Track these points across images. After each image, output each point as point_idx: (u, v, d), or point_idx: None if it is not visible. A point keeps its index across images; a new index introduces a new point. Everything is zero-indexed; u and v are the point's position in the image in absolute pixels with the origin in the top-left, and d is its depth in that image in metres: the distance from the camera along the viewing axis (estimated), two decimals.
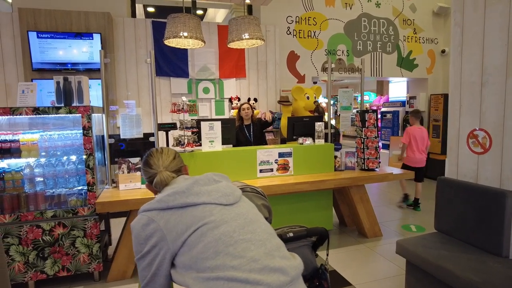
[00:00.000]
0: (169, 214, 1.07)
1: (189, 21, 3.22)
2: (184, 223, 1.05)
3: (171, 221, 1.06)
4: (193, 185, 1.13)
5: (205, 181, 1.17)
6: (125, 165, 2.98)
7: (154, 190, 1.28)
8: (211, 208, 1.09)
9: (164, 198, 1.10)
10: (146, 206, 1.13)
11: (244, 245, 1.02)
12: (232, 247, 1.01)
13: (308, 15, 5.75)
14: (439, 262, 2.10)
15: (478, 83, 2.27)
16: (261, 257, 1.01)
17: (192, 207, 1.08)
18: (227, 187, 1.18)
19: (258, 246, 1.04)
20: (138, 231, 1.09)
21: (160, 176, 1.23)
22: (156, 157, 1.28)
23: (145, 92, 4.88)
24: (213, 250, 1.00)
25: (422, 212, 4.58)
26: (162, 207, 1.09)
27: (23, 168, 2.69)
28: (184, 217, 1.06)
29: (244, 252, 1.01)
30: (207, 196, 1.11)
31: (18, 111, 2.56)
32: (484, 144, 2.26)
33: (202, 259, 1.00)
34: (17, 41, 4.31)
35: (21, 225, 2.61)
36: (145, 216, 1.09)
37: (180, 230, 1.04)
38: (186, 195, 1.10)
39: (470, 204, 2.31)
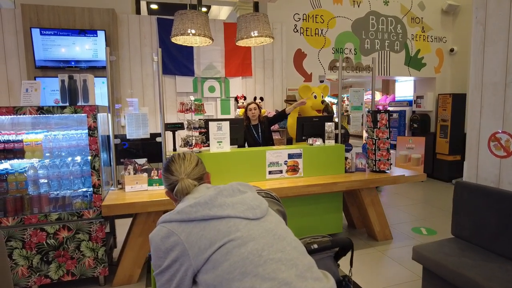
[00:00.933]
0: (190, 227, 0.99)
1: (197, 18, 3.12)
2: (208, 238, 0.97)
3: (193, 235, 0.98)
4: (216, 196, 1.05)
5: (229, 192, 1.08)
6: (131, 166, 2.90)
7: (174, 199, 1.21)
8: (236, 222, 1.00)
9: (186, 209, 1.02)
10: (165, 217, 1.05)
11: (274, 266, 0.93)
12: (261, 268, 0.92)
13: (316, 12, 5.64)
14: (460, 270, 2.01)
15: (501, 83, 2.18)
16: (293, 280, 0.92)
17: (216, 220, 1.00)
18: (254, 199, 1.09)
19: (289, 267, 0.95)
20: (157, 244, 1.01)
21: (182, 184, 1.16)
22: (178, 163, 1.21)
23: (149, 90, 4.79)
24: (240, 271, 0.91)
25: (431, 214, 4.49)
26: (183, 219, 1.01)
27: (27, 169, 2.61)
28: (208, 231, 0.98)
29: (275, 274, 0.92)
30: (231, 209, 1.02)
31: (22, 111, 2.47)
32: (508, 147, 2.16)
33: (228, 280, 0.91)
34: (19, 38, 4.23)
35: (24, 228, 2.52)
36: (164, 228, 1.02)
37: (204, 245, 0.96)
38: (209, 206, 1.01)
39: (491, 209, 2.22)
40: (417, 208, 4.79)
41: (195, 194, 1.12)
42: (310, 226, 3.45)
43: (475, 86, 2.37)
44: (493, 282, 1.85)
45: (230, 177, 3.11)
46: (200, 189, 1.16)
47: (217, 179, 3.07)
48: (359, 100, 3.74)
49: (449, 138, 6.24)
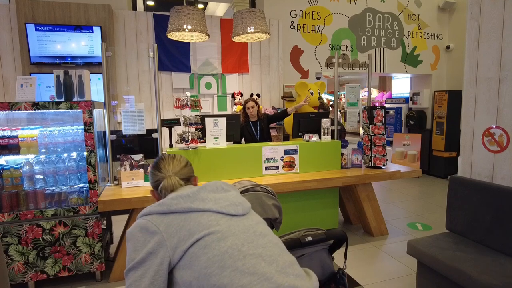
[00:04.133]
0: (170, 218, 0.97)
1: (193, 14, 3.11)
2: (187, 229, 0.95)
3: (173, 226, 0.96)
4: (199, 190, 1.04)
5: (212, 188, 1.08)
6: (128, 162, 2.89)
7: (158, 197, 1.20)
8: (218, 217, 0.99)
9: (167, 201, 1.00)
10: (145, 210, 1.03)
11: (254, 261, 0.91)
12: (240, 262, 0.90)
13: (312, 9, 5.64)
14: (454, 263, 2.04)
15: (495, 79, 2.19)
16: (274, 275, 0.90)
17: (197, 213, 0.98)
18: (236, 197, 1.09)
19: (269, 262, 0.93)
20: (134, 236, 0.98)
21: (168, 181, 1.15)
22: (168, 161, 1.21)
23: (146, 87, 4.78)
24: (219, 265, 0.89)
25: (427, 209, 4.52)
26: (164, 210, 0.99)
27: (22, 165, 2.60)
28: (188, 222, 0.96)
29: (255, 269, 0.90)
30: (213, 203, 1.01)
31: (17, 106, 2.46)
32: (501, 142, 2.18)
33: (206, 275, 0.88)
34: (14, 34, 4.20)
35: (20, 224, 2.52)
36: (143, 219, 1.00)
37: (183, 236, 0.94)
38: (191, 199, 1.00)
39: (485, 204, 2.25)
40: (413, 204, 4.83)
41: (178, 192, 1.07)
42: (306, 222, 3.47)
43: (469, 82, 2.38)
44: (487, 275, 1.87)
45: (227, 173, 3.12)
46: (184, 189, 1.13)
47: (213, 174, 3.08)
48: (355, 96, 3.75)
49: (445, 135, 6.28)
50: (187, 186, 1.16)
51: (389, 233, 3.66)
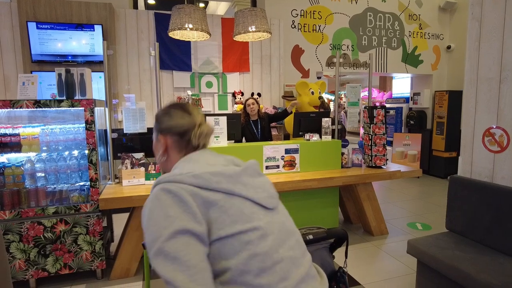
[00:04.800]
0: (207, 194, 0.83)
1: (194, 13, 3.12)
2: (229, 215, 0.82)
3: (211, 204, 0.83)
4: (242, 172, 0.91)
5: (252, 172, 0.94)
6: (129, 160, 2.90)
7: (177, 148, 0.99)
8: (258, 210, 0.89)
9: (205, 175, 0.84)
10: (174, 177, 0.84)
11: (289, 265, 0.87)
12: (278, 266, 0.84)
13: (313, 8, 5.64)
14: (454, 263, 2.04)
15: (496, 79, 2.20)
16: (299, 282, 0.88)
17: (238, 199, 0.86)
18: (271, 186, 0.99)
19: (297, 266, 0.89)
20: (163, 202, 0.79)
21: (206, 127, 1.00)
22: (195, 109, 1.04)
23: (147, 85, 4.78)
24: (259, 265, 0.81)
25: (427, 209, 4.53)
26: (201, 185, 0.82)
27: (24, 163, 2.61)
28: (229, 207, 0.83)
29: (288, 274, 0.86)
30: (254, 191, 0.90)
31: (19, 104, 2.47)
32: (502, 142, 2.19)
33: (243, 272, 0.80)
34: (16, 32, 4.20)
35: (22, 222, 2.53)
36: (174, 185, 0.82)
37: (221, 220, 0.81)
38: (233, 181, 0.87)
39: (485, 204, 2.25)
40: (413, 204, 4.84)
41: (217, 168, 0.90)
42: (306, 221, 3.48)
43: (470, 82, 2.39)
44: (486, 274, 1.88)
45: None
46: (207, 153, 0.98)
47: None
48: (355, 96, 3.75)
49: (445, 135, 6.29)
50: (221, 158, 0.99)
51: (389, 233, 3.67)
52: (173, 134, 0.99)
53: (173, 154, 1.01)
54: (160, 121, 1.02)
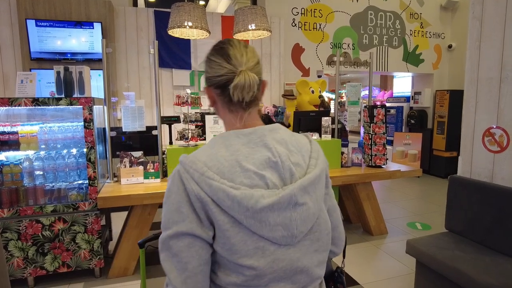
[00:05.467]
0: (216, 211, 0.77)
1: (193, 11, 3.10)
2: (230, 242, 0.79)
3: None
4: (267, 207, 0.74)
5: (285, 205, 0.77)
6: (127, 159, 2.89)
7: (215, 99, 0.85)
8: (264, 245, 0.83)
9: (220, 193, 0.73)
10: (194, 170, 0.74)
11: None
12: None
13: (314, 7, 5.61)
14: (453, 263, 2.04)
15: (496, 79, 2.18)
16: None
17: (247, 230, 0.79)
18: (304, 221, 0.86)
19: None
20: (179, 193, 0.75)
21: (245, 76, 0.78)
22: (239, 50, 0.82)
23: (146, 83, 4.77)
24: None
25: (427, 209, 4.52)
26: (213, 199, 0.74)
27: (22, 161, 2.60)
28: (234, 234, 0.79)
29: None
30: (268, 230, 0.83)
31: (17, 102, 2.46)
32: (501, 142, 2.18)
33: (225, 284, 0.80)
34: (15, 29, 4.18)
35: (20, 220, 2.52)
36: (191, 182, 0.74)
37: (222, 241, 0.79)
38: (247, 215, 0.77)
39: (484, 204, 2.24)
40: (413, 203, 4.83)
41: (243, 151, 0.77)
42: None
43: (470, 82, 2.37)
44: (485, 275, 1.87)
45: None
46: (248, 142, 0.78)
47: None
48: (356, 95, 3.74)
49: (446, 135, 6.27)
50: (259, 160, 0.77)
51: (389, 232, 3.66)
52: (215, 87, 0.83)
53: (221, 108, 0.87)
54: (205, 70, 0.88)
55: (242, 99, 0.80)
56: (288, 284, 0.78)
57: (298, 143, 0.83)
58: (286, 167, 0.77)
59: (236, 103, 0.82)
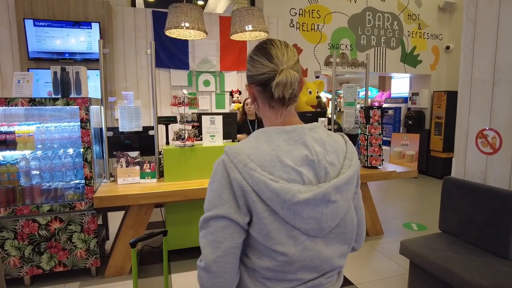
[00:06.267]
0: (256, 199, 0.83)
1: (191, 12, 3.11)
2: (266, 228, 0.87)
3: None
4: (302, 201, 0.80)
5: (318, 202, 0.83)
6: (124, 159, 2.91)
7: (263, 100, 0.89)
8: (296, 235, 0.91)
9: (261, 184, 0.78)
10: (238, 161, 0.79)
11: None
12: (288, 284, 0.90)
13: (312, 7, 5.63)
14: (445, 264, 2.05)
15: (489, 81, 2.20)
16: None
17: (281, 220, 0.85)
18: (333, 217, 0.93)
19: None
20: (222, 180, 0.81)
21: (286, 74, 0.83)
22: (281, 50, 0.87)
23: (144, 83, 4.78)
24: (272, 276, 0.87)
25: (423, 210, 4.54)
26: (254, 188, 0.79)
27: (19, 161, 2.62)
28: (270, 222, 0.85)
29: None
30: (301, 222, 0.89)
31: (14, 102, 2.47)
32: (494, 144, 2.20)
33: (257, 267, 0.86)
34: (13, 29, 4.19)
35: (16, 219, 2.54)
36: (234, 171, 0.79)
37: (259, 227, 0.85)
38: (284, 206, 0.82)
39: (477, 205, 2.26)
40: (409, 204, 4.85)
41: (284, 148, 0.82)
42: None
43: (464, 84, 2.39)
44: (477, 276, 1.89)
45: None
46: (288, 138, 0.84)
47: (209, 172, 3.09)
48: (352, 96, 3.75)
49: (443, 135, 6.29)
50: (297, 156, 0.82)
51: (384, 233, 3.68)
52: (256, 85, 0.89)
53: (261, 105, 0.92)
54: (247, 69, 0.93)
55: (282, 96, 0.85)
56: (314, 273, 0.85)
57: (335, 143, 0.88)
58: (322, 165, 0.82)
59: (276, 99, 0.87)
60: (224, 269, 0.79)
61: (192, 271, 2.88)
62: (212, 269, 0.78)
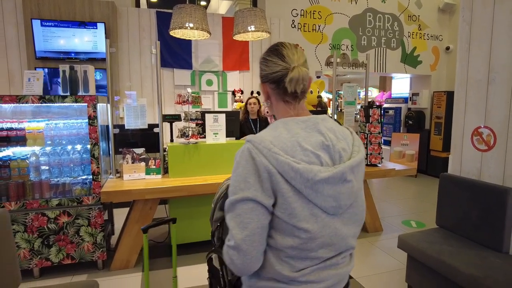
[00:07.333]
0: (280, 180, 0.91)
1: (195, 12, 3.19)
2: (291, 207, 0.92)
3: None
4: (322, 180, 0.90)
5: (336, 181, 0.92)
6: (130, 155, 2.99)
7: (277, 96, 0.99)
8: (317, 212, 0.98)
9: (285, 166, 0.86)
10: (263, 147, 0.88)
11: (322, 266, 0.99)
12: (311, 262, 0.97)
13: (313, 8, 5.71)
14: (441, 257, 2.13)
15: (484, 80, 2.28)
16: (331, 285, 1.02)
17: (304, 199, 0.93)
18: (350, 195, 1.01)
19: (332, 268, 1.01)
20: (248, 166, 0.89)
21: (299, 70, 0.94)
22: (291, 50, 0.98)
23: (148, 82, 4.87)
24: (296, 255, 0.94)
25: (422, 208, 4.61)
26: (279, 170, 0.87)
27: (29, 156, 2.70)
28: (294, 200, 0.93)
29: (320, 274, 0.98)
30: (322, 200, 0.96)
31: (25, 99, 2.56)
32: (489, 141, 2.27)
33: (280, 246, 0.94)
34: (20, 28, 4.28)
35: (26, 213, 2.62)
36: (260, 156, 0.88)
37: (283, 206, 0.92)
38: (307, 185, 0.90)
39: (472, 201, 2.33)
40: (409, 202, 4.92)
41: (302, 134, 0.92)
42: None
43: (460, 83, 2.47)
44: (472, 268, 1.96)
45: (225, 167, 3.21)
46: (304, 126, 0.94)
47: (212, 169, 3.17)
48: (352, 95, 3.83)
49: (443, 135, 6.36)
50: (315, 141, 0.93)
51: (384, 230, 3.76)
52: (270, 82, 0.99)
53: (274, 101, 1.02)
54: (260, 69, 1.03)
55: (294, 90, 0.96)
56: (332, 251, 0.93)
57: (343, 132, 1.00)
58: (336, 150, 0.93)
59: (289, 94, 0.97)
60: (251, 247, 0.86)
61: (197, 264, 2.96)
62: (241, 247, 0.86)
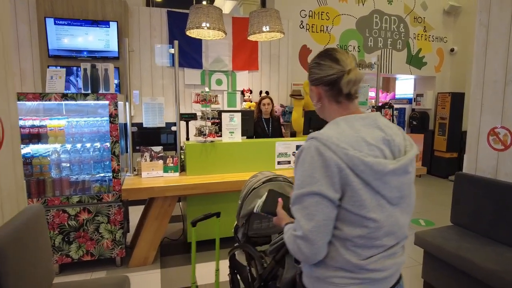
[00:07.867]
0: (350, 173, 0.94)
1: (211, 12, 3.24)
2: (360, 199, 0.97)
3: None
4: (390, 172, 0.96)
5: (401, 172, 0.99)
6: (148, 153, 3.03)
7: (330, 98, 1.04)
8: (383, 203, 1.02)
9: (355, 160, 0.91)
10: (330, 143, 0.92)
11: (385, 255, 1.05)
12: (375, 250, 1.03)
13: (321, 9, 5.77)
14: (459, 252, 2.19)
15: (501, 82, 2.34)
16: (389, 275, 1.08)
17: (373, 190, 0.98)
18: (409, 186, 1.07)
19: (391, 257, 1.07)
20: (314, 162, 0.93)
21: (355, 72, 1.00)
22: (344, 54, 1.03)
23: (158, 81, 4.90)
24: (362, 243, 0.99)
25: (428, 208, 4.68)
26: (348, 165, 0.92)
27: (50, 154, 2.73)
28: (363, 192, 0.97)
29: (382, 263, 1.03)
30: (388, 191, 1.01)
31: (48, 97, 2.59)
32: (505, 141, 2.33)
33: (348, 236, 0.98)
34: (33, 27, 4.30)
35: (48, 210, 2.65)
36: (328, 152, 0.92)
37: (352, 198, 0.97)
38: (376, 177, 0.95)
39: (488, 198, 2.39)
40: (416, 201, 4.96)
41: (365, 131, 0.97)
42: None
43: (476, 84, 2.52)
44: (488, 262, 2.02)
45: (242, 165, 3.25)
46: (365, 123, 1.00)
47: (229, 167, 3.21)
48: (363, 95, 3.89)
49: (447, 136, 6.43)
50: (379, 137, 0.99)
51: None
52: (324, 85, 1.04)
53: (327, 103, 1.07)
54: (311, 73, 1.08)
55: (349, 92, 1.02)
56: (393, 239, 1.00)
57: (396, 128, 1.06)
58: (396, 144, 1.00)
59: (344, 95, 1.03)
60: (317, 237, 0.92)
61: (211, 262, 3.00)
62: (308, 237, 0.92)
